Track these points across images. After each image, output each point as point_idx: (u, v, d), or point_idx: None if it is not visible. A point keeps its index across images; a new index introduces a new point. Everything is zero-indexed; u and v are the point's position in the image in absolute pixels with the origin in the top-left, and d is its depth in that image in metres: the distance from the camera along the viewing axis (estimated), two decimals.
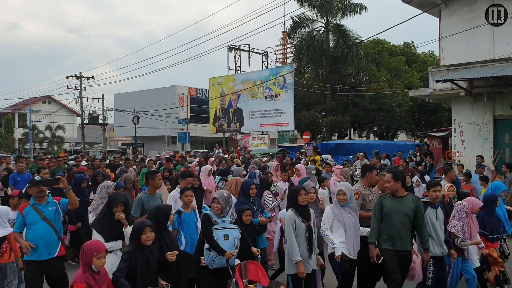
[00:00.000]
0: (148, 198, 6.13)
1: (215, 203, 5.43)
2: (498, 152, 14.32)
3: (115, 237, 5.21)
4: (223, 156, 20.57)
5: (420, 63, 35.18)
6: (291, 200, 5.44)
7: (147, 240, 4.36)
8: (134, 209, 5.97)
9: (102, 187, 6.78)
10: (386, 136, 35.89)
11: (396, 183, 5.37)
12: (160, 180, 6.24)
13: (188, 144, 41.81)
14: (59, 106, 52.94)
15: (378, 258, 5.30)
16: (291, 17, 33.56)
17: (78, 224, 8.16)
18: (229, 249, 5.18)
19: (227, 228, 5.36)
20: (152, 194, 6.22)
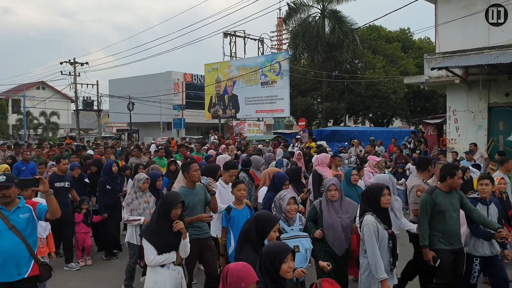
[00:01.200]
0: (187, 193, 5.25)
1: (290, 204, 4.39)
2: (492, 140, 14.42)
3: (169, 249, 4.35)
4: (216, 141, 20.61)
5: (416, 49, 35.06)
6: (370, 201, 4.50)
7: None
8: None
9: (134, 179, 6.42)
10: (381, 122, 35.95)
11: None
12: (197, 172, 5.39)
13: (183, 130, 41.80)
14: (53, 92, 52.58)
15: (435, 260, 4.89)
16: (287, 3, 33.30)
17: (104, 215, 7.85)
18: (300, 264, 4.20)
19: (297, 237, 4.39)
20: (192, 188, 5.40)
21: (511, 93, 13.98)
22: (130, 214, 6.19)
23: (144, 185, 6.31)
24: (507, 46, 13.32)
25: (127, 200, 6.26)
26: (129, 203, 6.23)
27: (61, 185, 7.63)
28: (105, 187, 7.93)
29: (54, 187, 7.23)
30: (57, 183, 7.57)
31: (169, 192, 5.30)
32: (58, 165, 7.86)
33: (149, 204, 6.33)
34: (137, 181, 6.32)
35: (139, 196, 6.30)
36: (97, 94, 40.01)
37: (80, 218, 7.70)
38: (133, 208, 6.22)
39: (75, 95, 38.11)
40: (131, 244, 6.28)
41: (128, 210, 6.20)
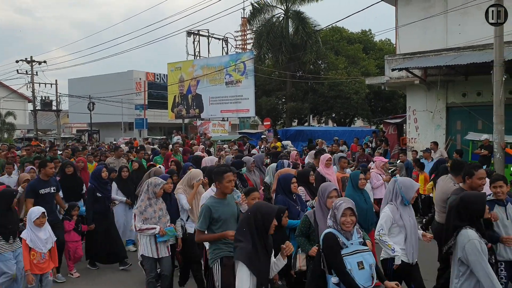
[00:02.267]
0: (218, 204, 4.59)
1: (346, 215, 3.71)
2: (450, 139, 14.90)
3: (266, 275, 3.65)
4: (180, 142, 20.37)
5: (377, 50, 35.86)
6: (471, 212, 3.84)
7: None
8: (201, 221, 4.53)
9: (148, 184, 5.69)
10: (344, 122, 36.56)
11: None
12: (231, 183, 4.65)
13: (145, 131, 41.12)
14: (9, 92, 50.59)
15: None
16: (251, 3, 33.39)
17: (90, 226, 7.33)
18: (366, 282, 3.64)
19: (359, 251, 3.77)
20: (223, 198, 4.68)
21: (468, 94, 14.49)
22: (143, 223, 5.53)
23: (161, 191, 5.65)
24: (464, 48, 13.80)
25: (140, 208, 5.56)
26: (143, 211, 5.54)
27: (46, 191, 6.93)
28: (95, 194, 7.41)
29: (39, 194, 6.74)
30: (42, 189, 6.86)
31: (260, 202, 4.28)
32: (44, 169, 6.97)
33: (162, 211, 5.69)
34: (152, 186, 5.61)
35: (153, 203, 5.62)
36: (56, 94, 38.85)
37: (71, 226, 7.12)
38: (148, 217, 5.53)
39: (33, 94, 36.82)
40: (146, 257, 5.57)
41: (141, 219, 5.53)
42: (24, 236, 5.23)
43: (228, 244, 4.49)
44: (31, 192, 6.74)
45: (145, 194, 5.63)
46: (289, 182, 5.49)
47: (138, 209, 5.59)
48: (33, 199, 6.60)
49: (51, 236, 5.45)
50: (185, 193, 6.27)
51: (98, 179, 7.57)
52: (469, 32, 14.34)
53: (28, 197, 6.68)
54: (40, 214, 5.28)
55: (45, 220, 5.35)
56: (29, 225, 5.28)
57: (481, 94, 14.09)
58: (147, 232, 5.50)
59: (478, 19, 13.25)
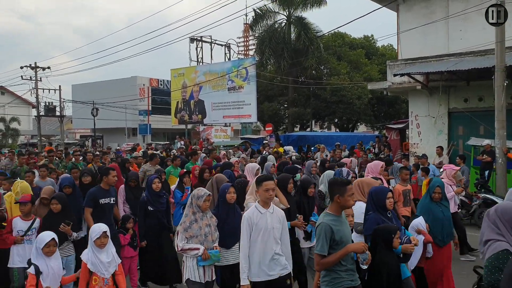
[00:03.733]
0: (337, 223, 3.87)
1: None
2: (452, 144, 14.88)
3: None
4: (183, 147, 20.44)
5: (380, 56, 35.92)
6: None
7: None
8: (322, 244, 3.78)
9: (191, 196, 5.03)
10: (346, 127, 36.55)
11: None
12: (352, 197, 3.97)
13: (149, 136, 41.22)
14: (13, 97, 50.87)
15: None
16: (253, 9, 33.54)
17: (142, 243, 6.47)
18: None
19: None
20: (339, 215, 3.94)
21: (469, 99, 14.49)
22: (186, 242, 4.85)
23: (206, 203, 4.94)
24: (466, 54, 13.82)
25: (184, 225, 4.89)
26: (187, 228, 4.85)
27: (106, 201, 6.35)
28: (147, 208, 6.52)
29: (98, 204, 6.24)
30: (102, 199, 6.28)
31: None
32: (106, 177, 6.39)
33: (211, 227, 4.97)
34: (196, 199, 4.94)
35: (199, 218, 4.90)
36: (59, 100, 39.03)
37: (127, 240, 6.38)
38: (193, 235, 4.83)
39: (37, 100, 37.02)
40: (192, 282, 4.88)
41: (184, 237, 4.84)
42: (84, 258, 4.51)
43: (349, 272, 3.87)
44: (91, 200, 6.25)
45: (189, 208, 4.98)
46: (383, 197, 4.65)
47: (182, 226, 4.92)
48: (92, 208, 6.24)
49: (114, 258, 4.61)
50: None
51: (150, 191, 6.62)
52: (470, 37, 14.37)
53: (87, 206, 6.24)
54: (101, 234, 4.47)
55: (106, 241, 4.53)
56: (90, 245, 4.55)
57: (483, 100, 14.09)
58: (189, 252, 4.82)
59: (479, 25, 13.29)
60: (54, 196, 6.06)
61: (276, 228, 4.32)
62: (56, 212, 5.88)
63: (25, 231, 5.67)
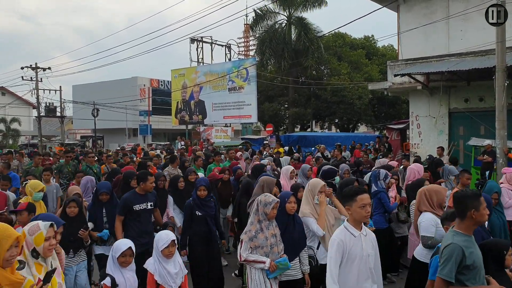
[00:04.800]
0: (469, 244, 3.26)
1: None
2: (453, 144, 14.86)
3: None
4: (184, 148, 20.44)
5: (380, 56, 35.93)
6: None
7: None
8: (450, 268, 3.18)
9: (257, 203, 4.55)
10: (347, 128, 36.55)
11: None
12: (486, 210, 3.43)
13: (149, 137, 41.28)
14: (13, 98, 50.91)
15: None
16: (254, 10, 33.58)
17: (183, 252, 5.80)
18: None
19: None
20: (470, 235, 3.32)
21: (470, 99, 14.48)
22: (250, 252, 4.43)
23: (273, 211, 4.45)
24: (466, 54, 13.80)
25: (249, 234, 4.47)
26: (253, 238, 4.45)
27: (142, 207, 5.83)
28: (193, 213, 5.90)
29: (132, 211, 5.73)
30: (137, 205, 5.76)
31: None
32: (144, 184, 5.83)
33: (276, 238, 4.53)
34: (262, 205, 4.48)
35: (264, 227, 4.46)
36: (60, 100, 39.05)
37: None
38: (258, 245, 4.42)
39: (37, 101, 37.03)
40: None
41: (248, 246, 4.44)
42: (150, 269, 4.17)
43: None
44: (123, 207, 5.74)
45: (254, 216, 4.52)
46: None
47: (247, 234, 4.49)
48: (123, 216, 5.73)
49: (181, 269, 4.29)
50: (313, 214, 5.04)
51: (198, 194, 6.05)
52: (471, 37, 14.36)
53: (119, 214, 5.74)
54: (169, 242, 4.14)
55: (174, 250, 4.21)
56: (156, 255, 4.21)
57: (484, 100, 14.07)
58: (255, 265, 4.42)
59: (479, 25, 13.27)
60: (73, 198, 5.57)
61: (370, 256, 3.57)
62: (72, 216, 5.36)
63: None
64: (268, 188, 5.62)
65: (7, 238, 2.65)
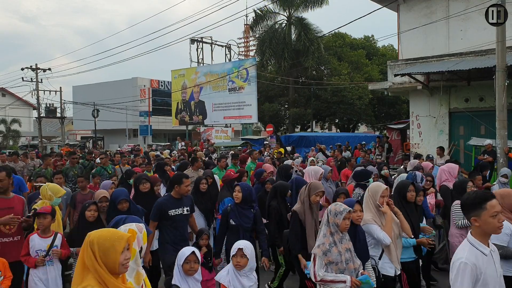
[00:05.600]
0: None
1: None
2: (453, 144, 14.85)
3: None
4: (184, 148, 20.43)
5: (380, 56, 35.94)
6: None
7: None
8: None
9: (327, 213, 3.99)
10: (347, 128, 36.55)
11: None
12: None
13: (150, 137, 41.25)
14: (14, 99, 50.94)
15: None
16: (254, 10, 33.60)
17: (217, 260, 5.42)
18: None
19: None
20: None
21: (470, 99, 14.47)
22: (327, 270, 3.85)
23: (346, 221, 3.90)
24: (466, 54, 13.80)
25: (323, 247, 3.88)
26: (327, 252, 3.85)
27: (178, 212, 5.37)
28: (229, 221, 5.40)
29: (168, 217, 5.29)
30: (172, 210, 5.32)
31: None
32: (178, 187, 5.39)
33: (351, 253, 3.97)
34: (333, 215, 3.92)
35: (337, 240, 3.90)
36: (60, 101, 39.06)
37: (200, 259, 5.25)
38: (332, 261, 3.84)
39: (37, 102, 37.06)
40: None
41: (323, 263, 3.84)
42: (224, 282, 3.82)
43: None
44: (158, 212, 5.32)
45: (326, 227, 3.95)
46: None
47: (320, 248, 3.90)
48: (157, 222, 5.35)
49: (256, 283, 3.94)
50: (376, 221, 4.60)
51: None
52: (471, 37, 14.36)
53: (153, 219, 5.34)
54: (236, 251, 3.74)
55: (244, 262, 3.78)
56: (229, 266, 3.87)
57: (484, 100, 14.06)
58: (334, 285, 3.84)
59: (479, 25, 13.29)
60: (93, 201, 5.21)
61: (502, 276, 2.96)
62: (92, 221, 4.99)
63: (46, 250, 4.70)
64: (312, 189, 5.12)
65: (120, 240, 2.42)
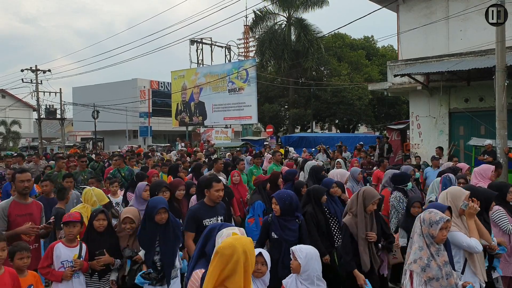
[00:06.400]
0: None
1: None
2: (453, 144, 14.85)
3: None
4: (184, 149, 20.42)
5: (380, 57, 35.95)
6: None
7: None
8: None
9: (420, 221, 3.54)
10: (347, 128, 36.55)
11: None
12: None
13: (150, 138, 41.24)
14: (14, 100, 50.93)
15: None
16: (253, 11, 33.62)
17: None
18: None
19: None
20: None
21: (470, 99, 14.47)
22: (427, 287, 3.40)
23: (443, 232, 3.43)
24: (466, 54, 13.80)
25: (421, 262, 3.40)
26: (425, 267, 3.38)
27: (212, 221, 4.69)
28: (270, 234, 4.69)
29: (202, 227, 4.52)
30: (207, 219, 4.69)
31: None
32: (208, 191, 4.77)
33: (448, 266, 3.49)
34: (427, 225, 3.45)
35: (434, 253, 3.43)
36: (60, 102, 39.02)
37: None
38: (432, 277, 3.37)
39: (37, 103, 37.02)
40: None
41: (422, 280, 3.39)
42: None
43: None
44: (192, 222, 4.67)
45: (420, 238, 3.47)
46: None
47: (418, 264, 3.40)
48: (194, 233, 4.65)
49: None
50: (460, 228, 4.11)
51: None
52: (470, 37, 14.36)
53: (188, 230, 4.70)
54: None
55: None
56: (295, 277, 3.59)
57: (484, 100, 14.06)
58: None
59: (479, 25, 13.29)
60: (101, 210, 4.63)
61: None
62: (101, 232, 4.47)
63: (72, 261, 4.22)
64: (364, 201, 4.55)
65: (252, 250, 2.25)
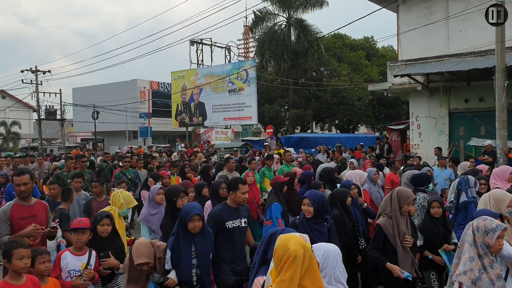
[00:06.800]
0: None
1: None
2: (453, 144, 14.84)
3: None
4: (184, 150, 20.43)
5: (380, 57, 35.96)
6: None
7: None
8: None
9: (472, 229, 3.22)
10: (347, 129, 36.55)
11: None
12: None
13: (150, 139, 41.23)
14: (14, 101, 50.93)
15: None
16: (253, 11, 33.62)
17: None
18: None
19: None
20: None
21: (470, 100, 14.47)
22: None
23: (500, 241, 3.10)
24: (466, 54, 13.80)
25: (471, 274, 3.09)
26: (476, 281, 3.07)
27: (236, 224, 4.51)
28: None
29: (224, 230, 4.42)
30: (229, 221, 4.47)
31: None
32: (234, 193, 4.53)
33: (501, 280, 3.14)
34: (482, 234, 3.13)
35: (487, 265, 3.11)
36: (60, 103, 39.03)
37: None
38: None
39: (37, 104, 37.02)
40: None
41: None
42: None
43: None
44: (213, 224, 4.41)
45: (472, 248, 3.15)
46: None
47: (468, 276, 3.09)
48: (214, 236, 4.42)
49: None
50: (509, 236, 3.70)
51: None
52: (470, 38, 14.36)
53: None
54: None
55: None
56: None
57: (483, 100, 14.06)
58: None
59: (479, 25, 13.28)
60: (106, 214, 4.40)
61: None
62: (105, 237, 4.25)
63: (80, 270, 3.97)
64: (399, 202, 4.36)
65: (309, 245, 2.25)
